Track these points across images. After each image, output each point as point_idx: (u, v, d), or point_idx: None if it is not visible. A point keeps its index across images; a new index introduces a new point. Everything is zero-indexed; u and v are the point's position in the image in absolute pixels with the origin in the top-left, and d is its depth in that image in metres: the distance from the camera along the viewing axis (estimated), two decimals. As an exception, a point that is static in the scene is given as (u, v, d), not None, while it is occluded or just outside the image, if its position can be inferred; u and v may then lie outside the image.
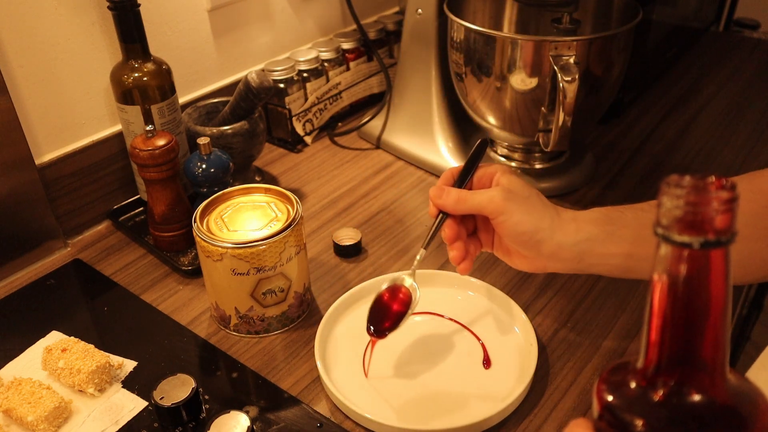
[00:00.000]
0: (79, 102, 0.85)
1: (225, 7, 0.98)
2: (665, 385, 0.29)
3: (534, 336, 0.66)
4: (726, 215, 0.27)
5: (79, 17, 0.81)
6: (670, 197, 0.27)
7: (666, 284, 0.28)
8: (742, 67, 1.29)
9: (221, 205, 0.71)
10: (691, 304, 0.28)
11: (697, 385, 0.29)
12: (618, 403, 0.30)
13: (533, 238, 0.58)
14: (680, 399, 0.29)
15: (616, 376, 0.32)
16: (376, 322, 0.61)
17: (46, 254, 0.84)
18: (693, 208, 0.27)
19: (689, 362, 0.29)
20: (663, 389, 0.29)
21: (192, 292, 0.78)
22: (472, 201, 0.59)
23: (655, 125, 1.10)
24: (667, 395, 0.29)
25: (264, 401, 0.63)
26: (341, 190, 0.95)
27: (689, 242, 0.27)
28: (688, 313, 0.28)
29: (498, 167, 0.62)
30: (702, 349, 0.28)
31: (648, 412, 0.29)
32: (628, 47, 0.86)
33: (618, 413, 0.30)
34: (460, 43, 0.87)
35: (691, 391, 0.29)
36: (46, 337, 0.70)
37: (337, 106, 1.11)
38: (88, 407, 0.63)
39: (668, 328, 0.29)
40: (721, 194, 0.27)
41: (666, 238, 0.28)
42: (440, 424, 0.60)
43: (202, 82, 1.00)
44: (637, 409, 0.29)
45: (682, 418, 0.29)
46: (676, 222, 0.27)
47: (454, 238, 0.60)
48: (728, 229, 0.27)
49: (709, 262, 0.27)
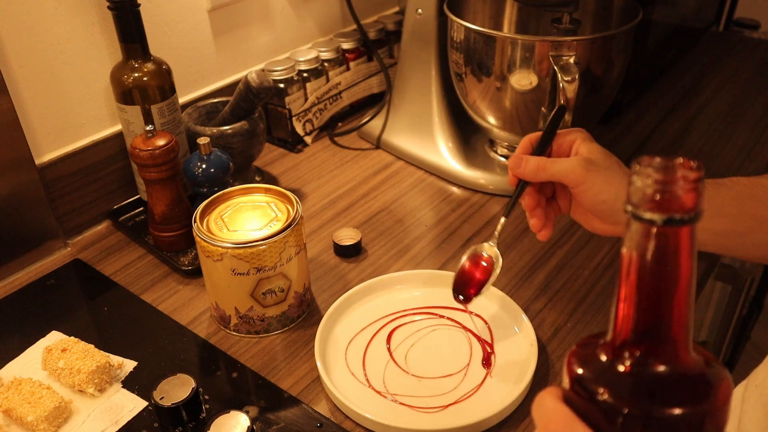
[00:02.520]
0: (79, 102, 0.85)
1: (225, 7, 0.98)
2: (631, 356, 0.30)
3: (534, 336, 0.66)
4: (691, 194, 0.28)
5: (79, 17, 0.81)
6: (639, 176, 0.29)
7: (634, 260, 0.29)
8: (742, 67, 1.29)
9: (221, 205, 0.71)
10: (656, 279, 0.29)
11: (661, 356, 0.30)
12: (585, 374, 0.31)
13: (612, 207, 0.57)
14: (644, 369, 0.30)
15: (586, 349, 0.33)
16: (461, 290, 0.63)
17: (46, 254, 0.84)
18: (660, 187, 0.28)
19: (654, 335, 0.30)
20: (628, 360, 0.30)
21: (192, 292, 0.78)
22: (551, 169, 0.58)
23: (655, 125, 1.10)
24: (632, 366, 0.30)
25: (264, 401, 0.63)
26: (341, 190, 0.95)
27: (656, 219, 0.28)
28: (654, 288, 0.29)
29: (578, 135, 0.61)
30: (666, 322, 0.30)
31: (613, 381, 0.30)
32: (628, 47, 0.86)
33: (585, 383, 0.31)
34: (460, 43, 0.87)
35: (655, 362, 0.30)
36: (46, 337, 0.70)
37: (337, 106, 1.11)
38: (88, 407, 0.63)
39: (634, 302, 0.30)
40: (688, 174, 0.28)
41: (635, 215, 0.29)
42: (440, 424, 0.60)
43: (202, 82, 1.00)
44: (602, 379, 0.31)
45: (646, 386, 0.30)
46: (644, 200, 0.28)
47: (534, 206, 0.61)
48: (694, 207, 0.28)
49: (674, 239, 0.29)
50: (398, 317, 0.71)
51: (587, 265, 0.79)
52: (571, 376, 0.32)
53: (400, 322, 0.71)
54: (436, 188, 0.95)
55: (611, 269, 0.79)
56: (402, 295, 0.74)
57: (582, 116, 0.84)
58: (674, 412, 0.29)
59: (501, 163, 0.96)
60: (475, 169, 0.95)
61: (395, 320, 0.71)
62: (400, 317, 0.71)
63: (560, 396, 0.33)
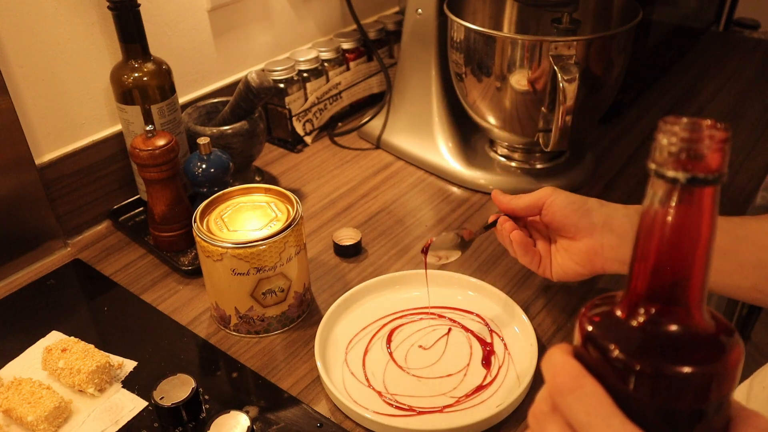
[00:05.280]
0: (79, 102, 0.85)
1: (225, 7, 0.98)
2: (644, 314, 0.30)
3: (534, 336, 0.66)
4: (717, 154, 0.28)
5: (79, 17, 0.81)
6: (665, 134, 0.28)
7: (653, 218, 0.29)
8: (742, 67, 1.29)
9: (221, 205, 0.71)
10: (676, 238, 0.29)
11: (674, 316, 0.30)
12: (596, 331, 0.31)
13: (583, 207, 0.64)
14: (657, 327, 0.30)
15: (598, 308, 0.33)
16: None
17: (46, 254, 0.84)
18: (686, 145, 0.28)
19: (669, 295, 0.30)
20: (642, 318, 0.30)
21: (192, 292, 0.78)
22: (523, 195, 0.67)
23: (655, 125, 1.09)
24: (645, 323, 0.30)
25: (264, 401, 0.63)
26: (341, 190, 0.95)
27: (679, 178, 0.28)
28: (673, 247, 0.29)
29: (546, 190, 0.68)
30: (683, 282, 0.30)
31: (625, 338, 0.30)
32: (628, 47, 0.86)
33: (596, 339, 0.31)
34: (460, 43, 0.87)
35: (669, 321, 0.30)
36: (46, 337, 0.70)
37: (337, 106, 1.11)
38: (88, 407, 0.63)
39: (652, 261, 0.30)
40: (715, 133, 0.28)
41: (658, 173, 0.29)
42: (440, 424, 0.60)
43: (202, 82, 1.00)
44: (614, 335, 0.31)
45: (658, 344, 0.30)
46: (668, 158, 0.28)
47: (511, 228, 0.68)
48: (718, 168, 0.28)
49: (697, 199, 0.28)
50: (398, 317, 0.71)
51: (587, 265, 0.79)
52: (582, 332, 0.32)
53: (400, 322, 0.71)
54: (436, 188, 0.95)
55: (611, 269, 0.78)
56: (402, 295, 0.74)
57: (582, 116, 0.84)
58: (684, 370, 0.29)
59: (501, 163, 0.96)
60: (475, 169, 0.95)
61: (395, 320, 0.71)
62: (400, 317, 0.71)
63: (570, 351, 0.33)
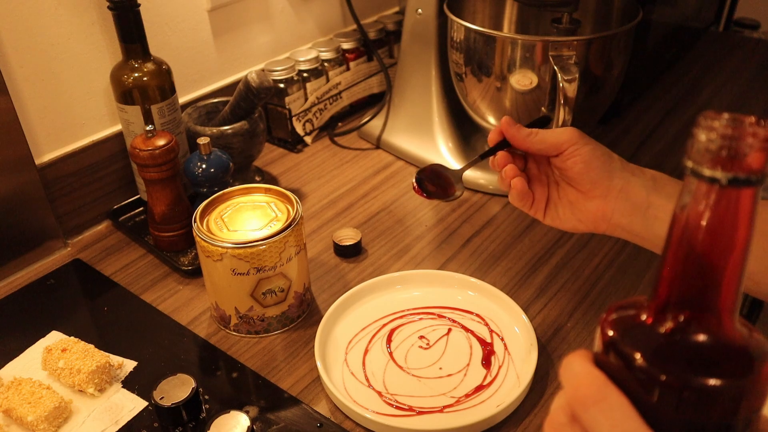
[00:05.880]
0: (79, 102, 0.85)
1: (225, 7, 0.98)
2: (672, 321, 0.29)
3: (534, 336, 0.66)
4: (760, 154, 0.26)
5: (79, 17, 0.81)
6: (705, 130, 0.27)
7: (688, 219, 0.28)
8: (742, 67, 1.29)
9: (221, 205, 0.71)
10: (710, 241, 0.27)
11: (705, 324, 0.28)
12: (620, 337, 0.30)
13: (608, 165, 0.58)
14: (685, 336, 0.28)
15: (622, 312, 0.31)
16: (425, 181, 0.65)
17: (46, 254, 0.84)
18: (727, 142, 0.26)
19: (700, 302, 0.28)
20: (669, 325, 0.29)
21: (192, 292, 0.78)
22: (544, 134, 0.59)
23: (655, 125, 1.10)
24: (673, 331, 0.29)
25: (264, 401, 0.63)
26: (341, 190, 0.95)
27: (718, 177, 0.26)
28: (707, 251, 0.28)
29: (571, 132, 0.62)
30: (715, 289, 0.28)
31: (651, 347, 0.29)
32: (628, 47, 0.86)
33: (620, 347, 0.29)
34: (460, 43, 0.87)
35: (698, 330, 0.28)
36: (46, 337, 0.70)
37: (337, 106, 1.11)
38: (88, 407, 0.63)
39: (683, 265, 0.28)
40: (758, 131, 0.26)
41: (695, 172, 0.27)
42: (440, 424, 0.60)
43: (202, 82, 1.00)
44: (638, 343, 0.29)
45: (685, 354, 0.28)
46: (708, 156, 0.27)
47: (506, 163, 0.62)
48: (761, 169, 0.26)
49: (735, 200, 0.27)
50: (398, 317, 0.71)
51: (587, 264, 0.79)
52: (604, 339, 0.30)
53: (400, 322, 0.71)
54: (436, 188, 0.95)
55: (612, 269, 0.78)
56: (402, 295, 0.74)
57: (582, 116, 0.84)
58: (712, 383, 0.27)
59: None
60: (475, 169, 0.95)
61: (395, 320, 0.71)
62: (400, 317, 0.71)
63: (591, 359, 0.31)
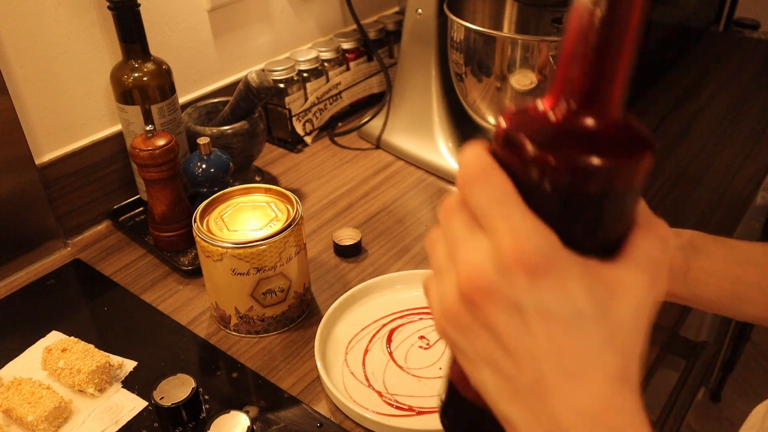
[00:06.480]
0: (79, 102, 0.85)
1: (225, 7, 0.98)
2: (560, 110, 0.30)
3: (534, 336, 0.66)
4: None
5: (79, 17, 0.81)
6: None
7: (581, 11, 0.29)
8: (742, 67, 1.29)
9: (221, 205, 0.71)
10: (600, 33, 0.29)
11: (592, 113, 0.30)
12: (512, 127, 0.31)
13: None
14: (569, 121, 0.30)
15: (519, 109, 0.33)
16: None
17: (46, 254, 0.84)
18: None
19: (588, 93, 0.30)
20: (558, 115, 0.30)
21: (192, 292, 0.78)
22: None
23: (655, 125, 1.10)
24: (559, 119, 0.30)
25: (264, 401, 0.63)
26: (341, 190, 0.95)
27: None
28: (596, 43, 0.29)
29: None
30: (602, 80, 0.30)
31: (536, 130, 0.30)
32: (628, 47, 0.86)
33: (508, 133, 0.31)
34: (460, 43, 0.87)
35: (585, 118, 0.30)
36: (46, 337, 0.70)
37: (337, 106, 1.11)
38: (88, 407, 0.63)
39: (576, 54, 0.30)
40: None
41: None
42: (440, 424, 0.60)
43: (202, 82, 1.00)
44: (525, 128, 0.31)
45: (567, 135, 0.30)
46: None
47: None
48: None
49: None
50: (398, 317, 0.71)
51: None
52: (498, 130, 0.32)
53: (400, 322, 0.71)
54: (436, 188, 0.95)
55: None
56: (402, 295, 0.74)
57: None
58: (588, 159, 0.29)
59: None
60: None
61: (395, 320, 0.71)
62: (400, 317, 0.71)
63: (486, 147, 0.33)
